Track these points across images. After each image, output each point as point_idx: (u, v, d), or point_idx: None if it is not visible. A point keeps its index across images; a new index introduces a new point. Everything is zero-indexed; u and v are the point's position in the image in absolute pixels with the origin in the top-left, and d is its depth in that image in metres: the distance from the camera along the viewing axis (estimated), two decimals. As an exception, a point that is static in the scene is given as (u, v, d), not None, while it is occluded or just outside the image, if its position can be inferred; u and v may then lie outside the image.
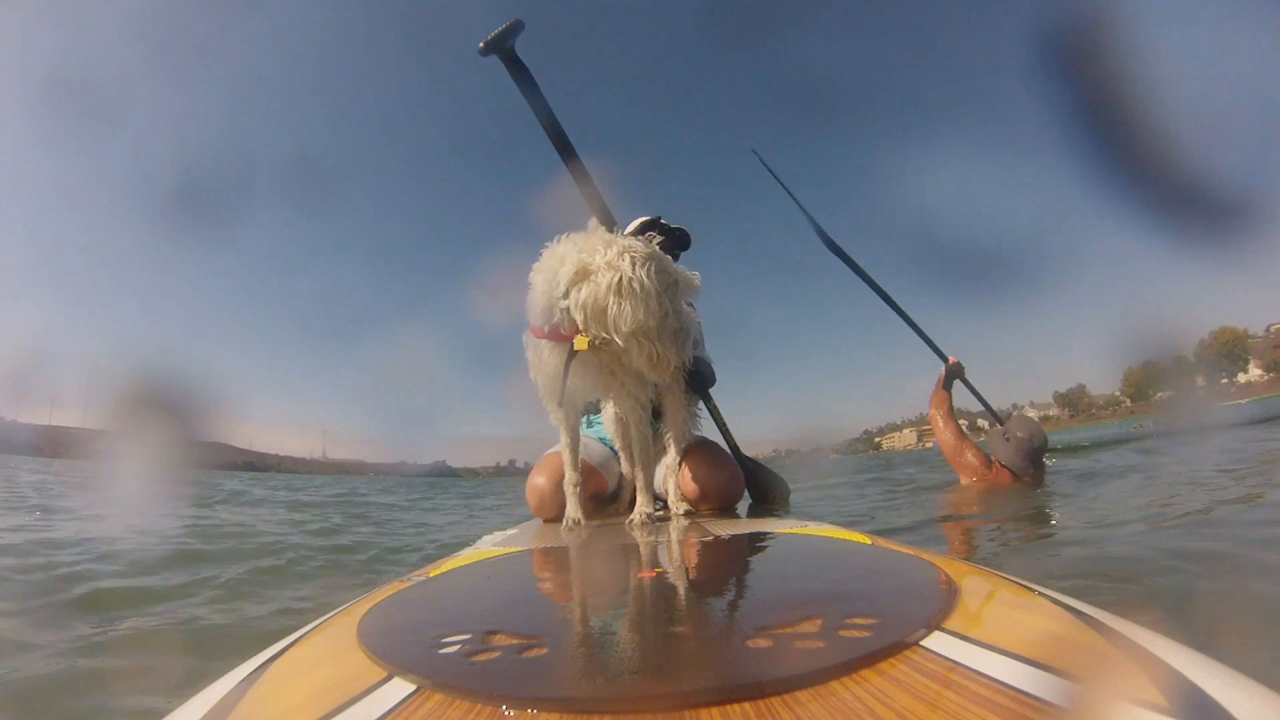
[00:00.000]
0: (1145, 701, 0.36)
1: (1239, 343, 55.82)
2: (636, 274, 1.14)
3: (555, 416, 1.47)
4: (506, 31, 1.32)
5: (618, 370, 1.35)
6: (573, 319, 1.22)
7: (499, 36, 1.32)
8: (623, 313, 1.15)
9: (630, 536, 1.23)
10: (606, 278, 1.15)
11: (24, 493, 5.78)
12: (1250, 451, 4.22)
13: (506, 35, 1.32)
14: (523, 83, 1.39)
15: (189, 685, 0.57)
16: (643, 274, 1.15)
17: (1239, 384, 55.34)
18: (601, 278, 1.16)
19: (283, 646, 0.60)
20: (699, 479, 1.62)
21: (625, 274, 1.14)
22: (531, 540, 1.28)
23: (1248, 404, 10.88)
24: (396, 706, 0.41)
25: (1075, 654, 0.44)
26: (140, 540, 2.48)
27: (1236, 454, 4.08)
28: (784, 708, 0.37)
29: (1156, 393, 7.89)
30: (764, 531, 1.13)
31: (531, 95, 1.40)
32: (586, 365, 1.33)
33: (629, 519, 1.40)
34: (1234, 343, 54.40)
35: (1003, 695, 0.36)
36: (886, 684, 0.39)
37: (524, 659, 0.47)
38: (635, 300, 1.14)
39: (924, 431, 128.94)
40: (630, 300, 1.14)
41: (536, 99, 1.41)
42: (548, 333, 1.32)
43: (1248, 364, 59.28)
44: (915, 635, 0.46)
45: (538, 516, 1.66)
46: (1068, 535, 2.07)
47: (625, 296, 1.14)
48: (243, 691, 0.49)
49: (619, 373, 1.35)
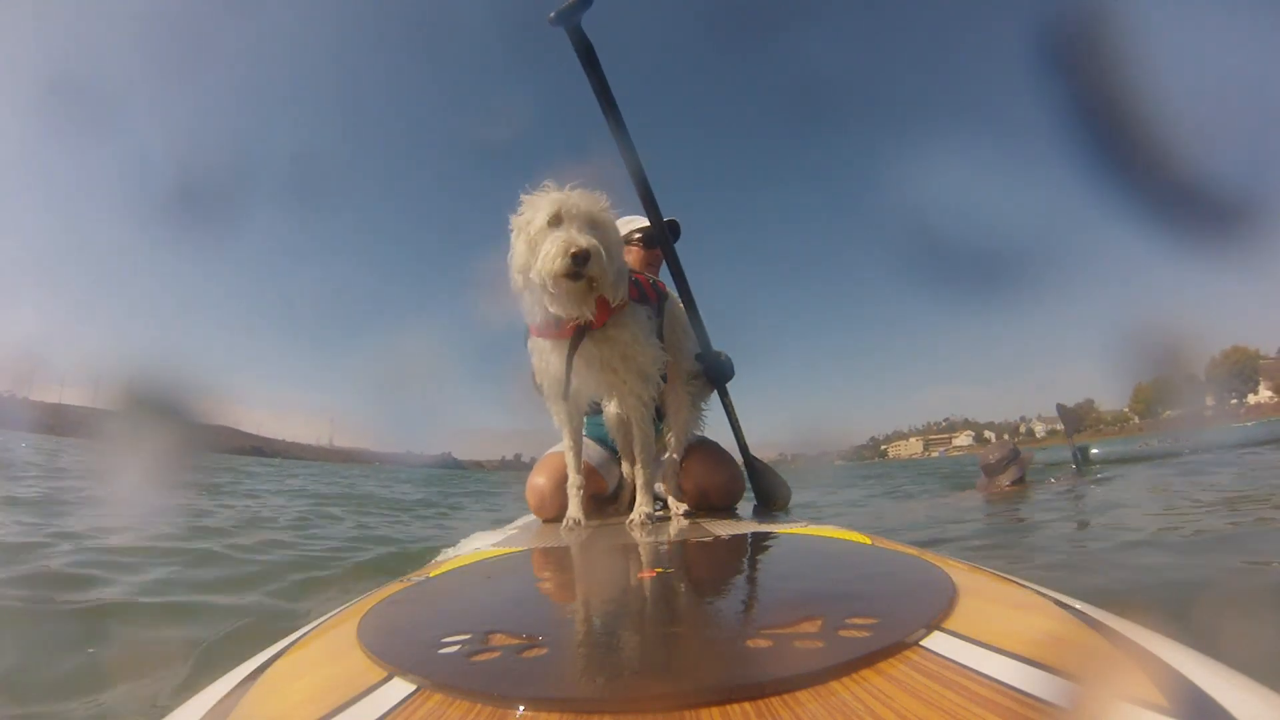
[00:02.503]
0: (1145, 701, 0.36)
1: (1250, 363, 55.72)
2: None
3: (559, 418, 1.47)
4: (578, 4, 1.33)
5: (619, 367, 1.35)
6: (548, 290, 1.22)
7: (570, 9, 1.33)
8: None
9: (630, 536, 1.23)
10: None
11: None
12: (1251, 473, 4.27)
13: (577, 8, 1.33)
14: (586, 60, 1.41)
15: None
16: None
17: (1249, 405, 55.22)
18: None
19: (283, 646, 0.60)
20: (699, 479, 1.62)
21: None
22: (531, 540, 1.28)
23: (1253, 425, 10.94)
24: (396, 706, 0.41)
25: (1075, 654, 0.44)
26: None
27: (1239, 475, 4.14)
28: (784, 708, 0.37)
29: (1165, 411, 7.99)
30: (764, 531, 1.13)
31: (593, 75, 1.43)
32: (589, 363, 1.33)
33: (629, 519, 1.40)
34: (1245, 363, 54.28)
35: (1003, 695, 0.36)
36: (886, 684, 0.39)
37: (524, 659, 0.47)
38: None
39: (931, 440, 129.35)
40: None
41: (598, 79, 1.43)
42: (547, 331, 1.32)
43: (1258, 385, 59.19)
44: (915, 635, 0.46)
45: (538, 516, 1.66)
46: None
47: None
48: (243, 691, 0.49)
49: (620, 369, 1.35)
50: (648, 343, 1.38)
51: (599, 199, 1.26)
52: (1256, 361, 56.32)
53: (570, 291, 1.20)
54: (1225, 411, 9.79)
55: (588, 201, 1.23)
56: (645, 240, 1.83)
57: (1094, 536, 2.74)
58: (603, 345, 1.32)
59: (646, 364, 1.38)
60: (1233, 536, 2.31)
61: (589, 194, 1.25)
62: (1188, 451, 7.22)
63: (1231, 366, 51.20)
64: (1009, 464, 4.37)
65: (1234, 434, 10.00)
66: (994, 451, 4.56)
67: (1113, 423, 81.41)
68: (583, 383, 1.38)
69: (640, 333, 1.36)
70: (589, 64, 1.41)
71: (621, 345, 1.33)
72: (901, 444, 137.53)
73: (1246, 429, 10.70)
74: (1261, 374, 56.70)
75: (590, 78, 1.43)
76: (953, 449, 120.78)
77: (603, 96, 1.43)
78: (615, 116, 1.44)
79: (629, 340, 1.34)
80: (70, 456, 8.46)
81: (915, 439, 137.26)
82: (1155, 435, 10.12)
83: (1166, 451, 8.02)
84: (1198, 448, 7.26)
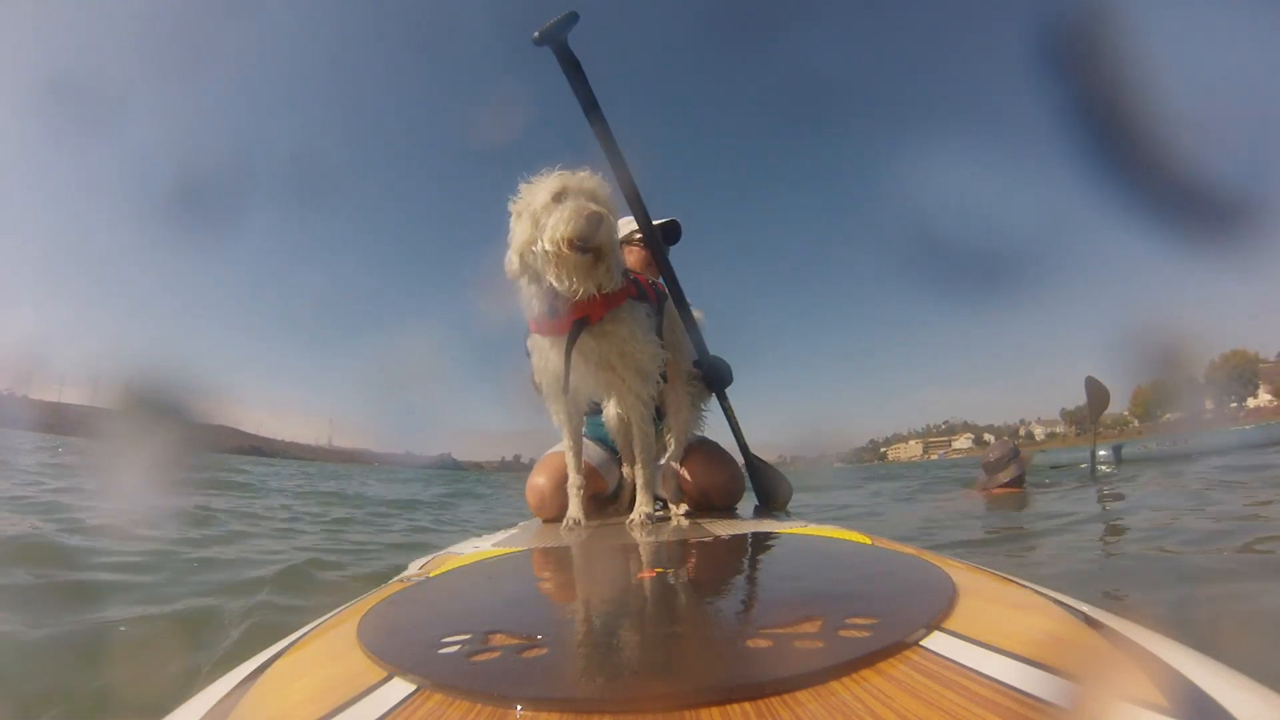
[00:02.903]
0: (1145, 701, 0.36)
1: (1249, 366, 55.65)
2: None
3: (558, 417, 1.47)
4: (562, 23, 1.32)
5: (617, 364, 1.35)
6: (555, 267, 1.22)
7: (555, 28, 1.32)
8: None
9: (630, 536, 1.23)
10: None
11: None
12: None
13: (562, 27, 1.33)
14: (572, 76, 1.40)
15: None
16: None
17: (1248, 408, 55.16)
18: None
19: (283, 646, 0.60)
20: (699, 479, 1.62)
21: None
22: (531, 540, 1.28)
23: (1251, 429, 10.92)
24: (396, 706, 0.41)
25: (1075, 654, 0.44)
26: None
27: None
28: (784, 708, 0.37)
29: (1165, 414, 8.00)
30: (764, 531, 1.13)
31: (580, 89, 1.42)
32: (587, 358, 1.33)
33: (629, 519, 1.39)
34: (1244, 366, 54.17)
35: (1003, 695, 0.36)
36: (886, 684, 0.39)
37: (524, 659, 0.47)
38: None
39: (930, 443, 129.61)
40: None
41: (584, 93, 1.43)
42: (545, 326, 1.32)
43: (1257, 388, 59.12)
44: (915, 635, 0.46)
45: (538, 516, 1.66)
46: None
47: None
48: (243, 691, 0.49)
49: (618, 366, 1.35)
50: (646, 339, 1.37)
51: (601, 182, 1.27)
52: (1256, 365, 56.34)
53: (578, 264, 1.19)
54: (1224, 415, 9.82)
55: (592, 182, 1.24)
56: (644, 240, 1.83)
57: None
58: (600, 340, 1.32)
59: (644, 360, 1.37)
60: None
61: (592, 175, 1.26)
62: (1197, 454, 7.21)
63: (1231, 370, 51.18)
64: (1009, 462, 4.65)
65: (1231, 437, 10.01)
66: (994, 450, 4.86)
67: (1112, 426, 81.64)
68: (581, 380, 1.37)
69: (638, 329, 1.35)
70: (576, 80, 1.40)
71: (619, 341, 1.33)
72: (901, 446, 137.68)
73: (1244, 432, 10.71)
74: (1261, 377, 56.70)
75: (577, 93, 1.42)
76: (952, 451, 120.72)
77: (590, 110, 1.43)
78: (604, 128, 1.43)
79: (626, 336, 1.33)
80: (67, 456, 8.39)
81: (915, 441, 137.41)
82: (1154, 439, 10.11)
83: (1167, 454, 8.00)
84: (1196, 451, 7.27)
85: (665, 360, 1.47)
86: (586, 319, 1.29)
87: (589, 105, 1.43)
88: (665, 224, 1.83)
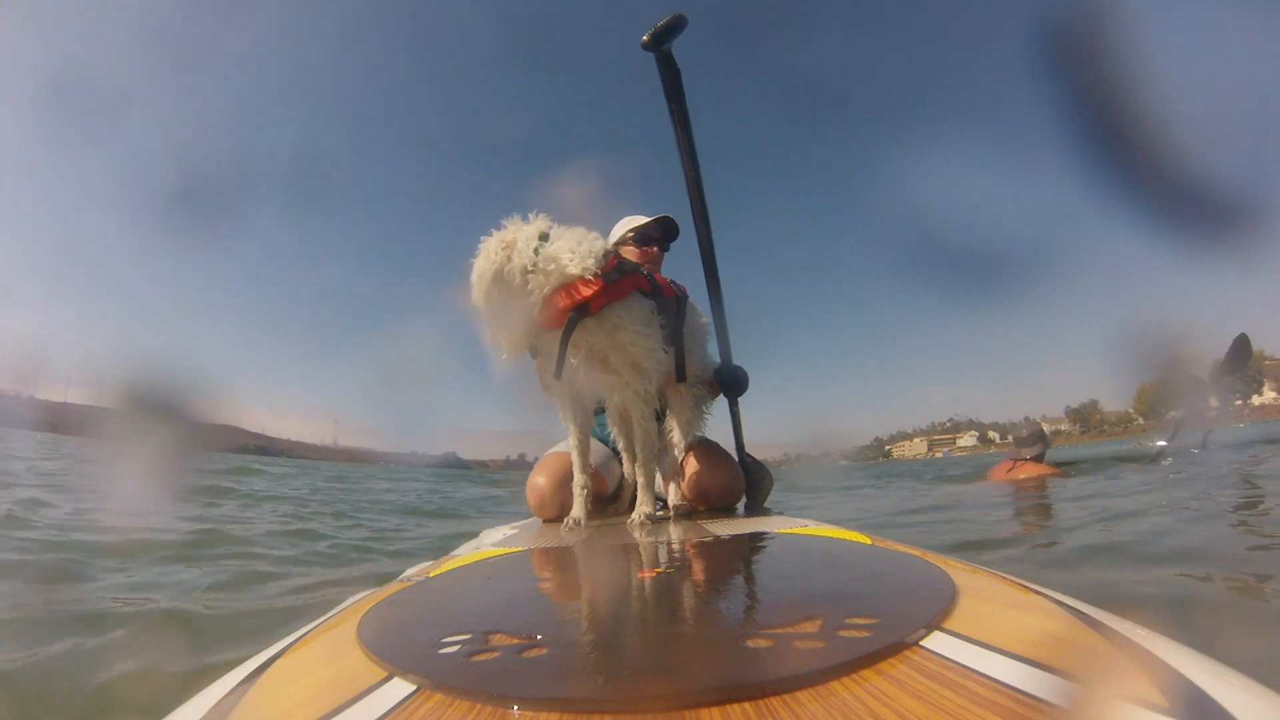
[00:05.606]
0: (1145, 701, 0.36)
1: (1254, 364, 55.66)
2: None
3: (564, 414, 1.47)
4: (671, 27, 1.27)
5: (612, 357, 1.34)
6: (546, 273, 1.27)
7: (663, 31, 1.28)
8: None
9: (630, 536, 1.23)
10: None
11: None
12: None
13: (670, 31, 1.28)
14: (670, 85, 1.38)
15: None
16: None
17: (1253, 406, 54.96)
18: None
19: (283, 646, 0.60)
20: (699, 479, 1.61)
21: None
22: (531, 540, 1.28)
23: (1246, 426, 10.87)
24: (396, 706, 0.41)
25: (1075, 654, 0.44)
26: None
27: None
28: (784, 708, 0.37)
29: (1169, 411, 7.95)
30: (764, 531, 1.13)
31: (675, 99, 1.40)
32: (579, 348, 1.33)
33: (629, 519, 1.39)
34: (1250, 364, 54.12)
35: (1003, 695, 0.36)
36: (886, 684, 0.39)
37: (524, 659, 0.47)
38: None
39: (935, 441, 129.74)
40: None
41: (679, 104, 1.41)
42: (546, 318, 1.31)
43: (1262, 386, 58.92)
44: (915, 635, 0.46)
45: (538, 516, 1.66)
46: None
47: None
48: (243, 691, 0.49)
49: (613, 361, 1.34)
50: (641, 334, 1.35)
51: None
52: (1262, 363, 56.18)
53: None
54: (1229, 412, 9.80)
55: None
56: (637, 238, 1.83)
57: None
58: (595, 333, 1.31)
59: (640, 355, 1.36)
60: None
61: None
62: (1210, 446, 7.15)
63: (1236, 367, 51.07)
64: (1037, 440, 5.80)
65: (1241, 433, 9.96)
66: (1024, 429, 6.15)
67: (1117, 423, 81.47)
68: (579, 373, 1.36)
69: (635, 323, 1.34)
70: (674, 91, 1.38)
71: (612, 331, 1.32)
72: (906, 444, 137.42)
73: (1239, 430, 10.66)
74: (1266, 375, 56.51)
75: (671, 105, 1.40)
76: (957, 449, 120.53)
77: (681, 126, 1.42)
78: (689, 146, 1.44)
79: (620, 327, 1.32)
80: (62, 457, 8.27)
81: (920, 439, 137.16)
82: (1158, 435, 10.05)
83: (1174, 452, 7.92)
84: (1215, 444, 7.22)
85: (666, 361, 1.46)
86: (585, 307, 1.28)
87: (681, 122, 1.41)
88: (661, 219, 1.83)
